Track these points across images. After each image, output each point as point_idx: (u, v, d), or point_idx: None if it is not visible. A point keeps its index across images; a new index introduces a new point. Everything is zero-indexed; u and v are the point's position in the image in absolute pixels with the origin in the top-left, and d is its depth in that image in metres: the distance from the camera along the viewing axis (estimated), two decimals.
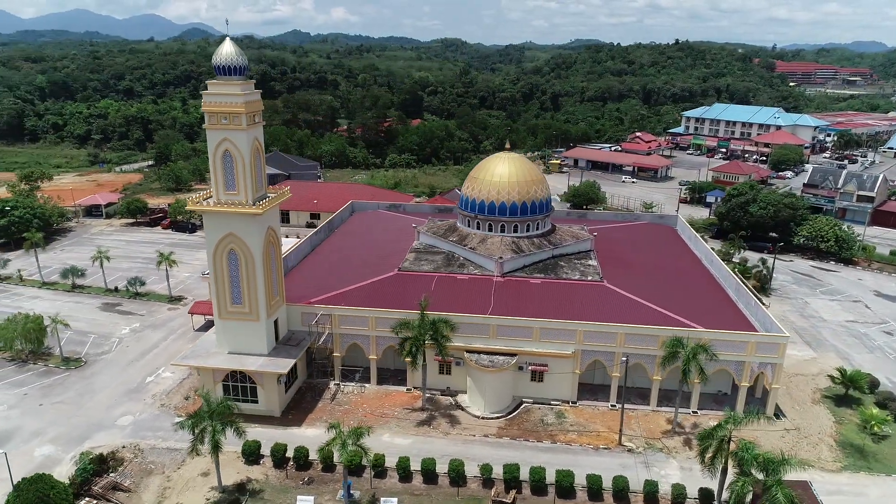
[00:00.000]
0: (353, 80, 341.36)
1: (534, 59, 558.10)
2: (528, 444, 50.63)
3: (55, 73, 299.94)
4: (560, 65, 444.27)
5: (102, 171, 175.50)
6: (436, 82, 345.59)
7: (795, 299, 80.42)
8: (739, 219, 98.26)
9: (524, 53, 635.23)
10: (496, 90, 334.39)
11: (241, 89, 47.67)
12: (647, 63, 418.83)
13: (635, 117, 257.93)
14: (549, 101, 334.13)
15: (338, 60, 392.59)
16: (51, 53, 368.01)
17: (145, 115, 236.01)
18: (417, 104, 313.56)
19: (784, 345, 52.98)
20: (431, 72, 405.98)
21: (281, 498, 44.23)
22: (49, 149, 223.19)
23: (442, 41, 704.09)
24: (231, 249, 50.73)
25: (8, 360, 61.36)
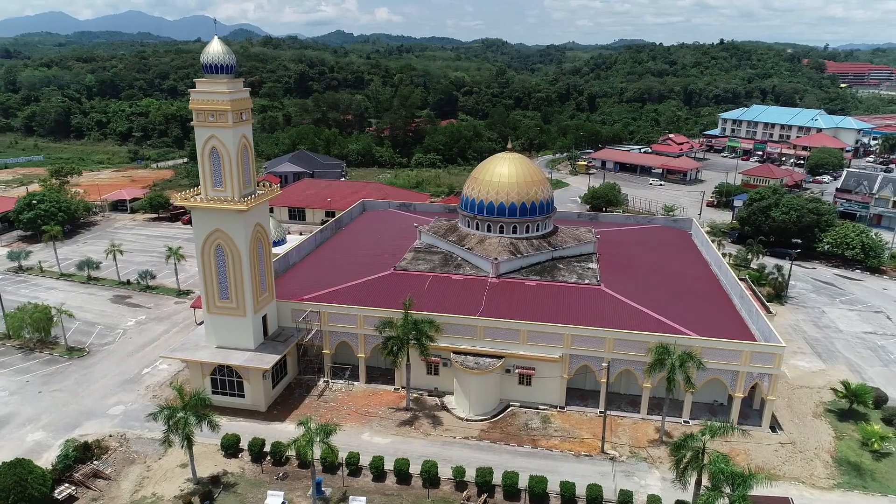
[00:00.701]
0: (390, 79, 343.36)
1: (575, 60, 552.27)
2: (508, 449, 49.93)
3: (104, 73, 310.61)
4: (600, 65, 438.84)
5: (139, 168, 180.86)
6: (471, 82, 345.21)
7: (812, 308, 77.34)
8: (761, 224, 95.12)
9: (565, 54, 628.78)
10: (532, 90, 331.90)
11: (227, 87, 48.33)
12: (690, 63, 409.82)
13: (671, 119, 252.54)
14: (585, 101, 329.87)
15: (375, 60, 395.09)
16: (101, 54, 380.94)
17: (184, 113, 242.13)
18: (452, 104, 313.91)
19: (780, 355, 50.94)
20: (469, 72, 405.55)
21: (253, 492, 44.66)
22: (93, 145, 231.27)
23: (482, 41, 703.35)
24: (218, 245, 51.52)
25: (16, 348, 63.67)
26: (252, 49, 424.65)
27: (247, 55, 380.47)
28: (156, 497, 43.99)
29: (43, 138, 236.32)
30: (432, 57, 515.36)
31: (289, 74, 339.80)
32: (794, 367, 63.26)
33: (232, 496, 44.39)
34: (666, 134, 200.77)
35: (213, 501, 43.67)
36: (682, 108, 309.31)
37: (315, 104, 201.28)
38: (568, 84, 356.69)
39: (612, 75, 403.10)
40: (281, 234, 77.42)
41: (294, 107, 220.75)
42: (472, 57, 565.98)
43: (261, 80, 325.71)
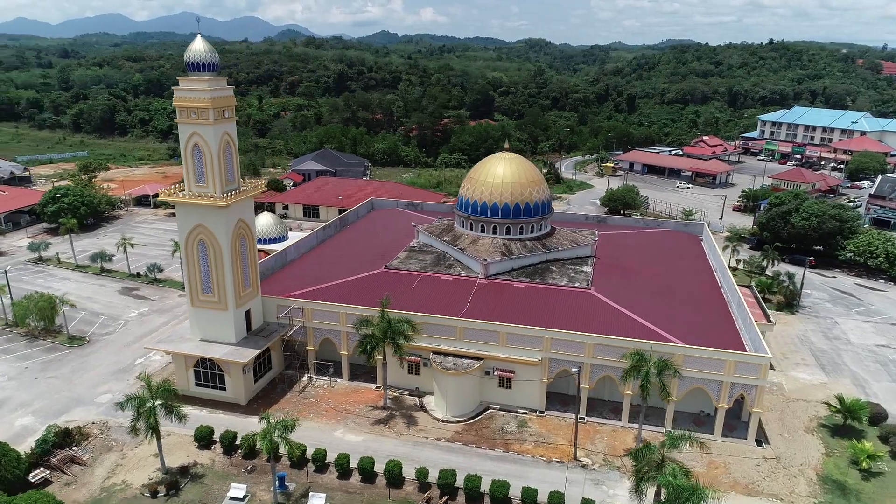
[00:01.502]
0: (428, 79, 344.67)
1: (618, 61, 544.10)
2: (479, 451, 49.41)
3: (151, 72, 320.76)
4: (642, 65, 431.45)
5: (174, 164, 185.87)
6: (508, 83, 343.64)
7: (824, 318, 74.18)
8: (780, 230, 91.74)
9: (609, 54, 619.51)
10: (569, 91, 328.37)
11: (208, 85, 49.14)
12: (737, 64, 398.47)
13: (709, 120, 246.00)
14: (624, 102, 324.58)
15: (414, 60, 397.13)
16: (150, 53, 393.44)
17: None
18: (488, 104, 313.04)
19: (766, 366, 48.94)
20: (509, 72, 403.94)
21: (219, 484, 45.35)
22: (135, 142, 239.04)
23: (525, 41, 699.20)
24: (201, 240, 52.52)
25: (22, 336, 66.23)
26: (295, 49, 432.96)
27: (289, 55, 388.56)
28: (125, 484, 45.13)
29: (89, 135, 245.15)
30: (473, 57, 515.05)
31: (328, 74, 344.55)
32: (794, 379, 60.79)
33: (198, 487, 45.17)
34: (700, 136, 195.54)
35: (179, 492, 44.52)
36: (726, 110, 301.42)
37: (345, 103, 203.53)
38: (607, 85, 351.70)
39: (654, 76, 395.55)
40: (283, 230, 78.49)
41: (327, 106, 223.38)
42: (514, 57, 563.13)
43: (300, 79, 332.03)
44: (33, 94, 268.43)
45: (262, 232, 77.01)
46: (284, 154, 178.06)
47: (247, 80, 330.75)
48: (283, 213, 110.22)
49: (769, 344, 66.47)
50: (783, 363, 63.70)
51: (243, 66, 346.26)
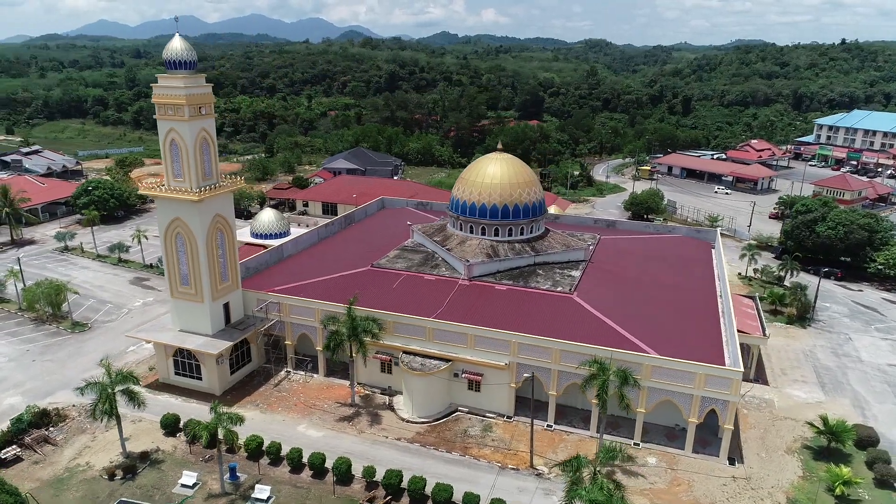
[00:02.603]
0: (478, 79, 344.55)
1: (680, 61, 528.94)
2: (436, 454, 48.94)
3: (211, 72, 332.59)
4: (702, 66, 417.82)
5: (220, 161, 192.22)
6: (559, 84, 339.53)
7: (838, 334, 69.95)
8: (804, 239, 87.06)
9: (671, 55, 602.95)
10: (621, 92, 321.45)
11: (183, 83, 50.48)
12: (804, 65, 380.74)
13: (764, 123, 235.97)
14: (679, 104, 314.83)
15: (466, 61, 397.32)
16: (212, 53, 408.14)
17: (272, 110, 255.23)
18: (538, 105, 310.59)
19: (737, 381, 46.47)
20: (563, 73, 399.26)
21: (175, 471, 46.53)
22: None
23: (585, 42, 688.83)
24: (178, 233, 54.06)
25: (31, 320, 69.86)
26: (351, 50, 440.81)
27: (345, 56, 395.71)
28: (88, 466, 46.91)
29: (147, 131, 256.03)
30: (529, 58, 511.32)
31: (380, 74, 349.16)
32: (788, 396, 57.56)
33: (154, 472, 46.50)
34: (748, 140, 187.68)
35: (136, 476, 45.95)
36: (789, 113, 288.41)
37: (385, 103, 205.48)
38: (662, 86, 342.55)
39: (714, 77, 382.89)
40: (284, 226, 79.87)
41: (368, 106, 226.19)
42: (572, 58, 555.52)
43: (352, 79, 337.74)
44: (100, 93, 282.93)
45: (264, 228, 78.64)
46: (323, 152, 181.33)
47: (301, 80, 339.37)
48: (304, 209, 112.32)
49: (769, 358, 63.86)
50: (780, 379, 60.43)
51: (298, 66, 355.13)
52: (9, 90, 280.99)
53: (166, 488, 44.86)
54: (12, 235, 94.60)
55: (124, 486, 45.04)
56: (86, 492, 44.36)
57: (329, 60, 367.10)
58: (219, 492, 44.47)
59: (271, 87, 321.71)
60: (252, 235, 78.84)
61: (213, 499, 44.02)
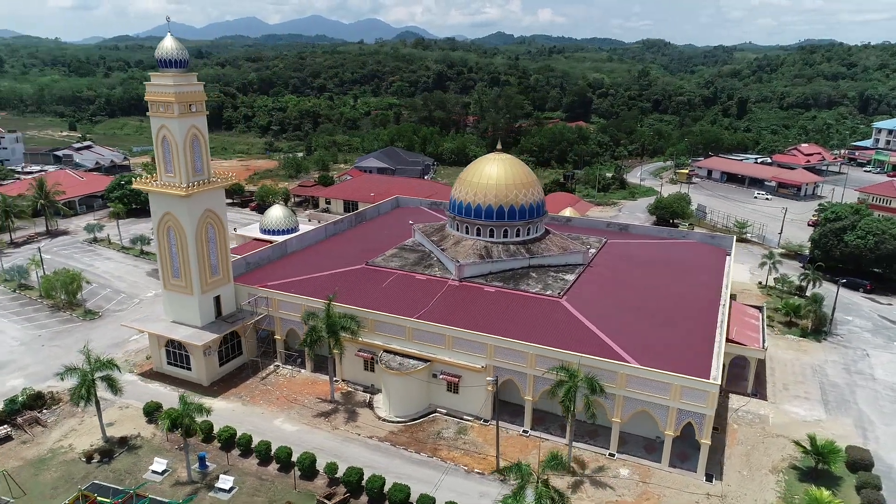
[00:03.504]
0: (526, 80, 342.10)
1: (741, 62, 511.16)
2: (405, 454, 48.78)
3: (265, 72, 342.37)
4: (763, 67, 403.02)
5: (262, 158, 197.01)
6: (608, 84, 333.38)
7: (854, 349, 66.13)
8: (832, 248, 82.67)
9: (732, 55, 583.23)
10: (672, 93, 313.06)
11: (173, 81, 51.98)
12: (874, 66, 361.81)
13: (819, 127, 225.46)
14: (734, 106, 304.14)
15: (514, 61, 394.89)
16: (267, 54, 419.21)
17: (318, 109, 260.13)
18: (586, 106, 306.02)
19: (713, 394, 44.51)
20: (616, 73, 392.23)
21: (149, 457, 47.88)
22: (237, 137, 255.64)
23: (643, 42, 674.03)
24: (169, 227, 55.71)
25: (49, 307, 73.28)
26: (402, 50, 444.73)
27: (396, 56, 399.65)
28: (70, 448, 48.85)
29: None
30: (582, 58, 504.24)
31: (428, 74, 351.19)
32: (785, 412, 54.76)
33: (130, 457, 48.02)
34: (802, 144, 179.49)
35: (112, 460, 47.56)
36: (854, 116, 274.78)
37: (423, 103, 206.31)
38: (717, 87, 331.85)
39: (775, 78, 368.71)
40: (293, 223, 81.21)
41: (408, 106, 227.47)
42: (628, 58, 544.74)
43: (400, 79, 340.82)
44: None
45: (273, 224, 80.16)
46: (360, 151, 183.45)
47: (350, 80, 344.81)
48: (326, 207, 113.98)
49: (773, 372, 61.25)
50: (780, 394, 57.57)
51: (349, 66, 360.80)
52: (75, 89, 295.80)
53: (138, 474, 46.25)
54: (47, 226, 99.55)
55: (99, 469, 46.68)
56: (63, 472, 46.19)
57: (379, 61, 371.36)
58: (186, 479, 45.54)
59: (321, 87, 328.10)
60: (261, 231, 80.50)
61: (180, 486, 45.11)
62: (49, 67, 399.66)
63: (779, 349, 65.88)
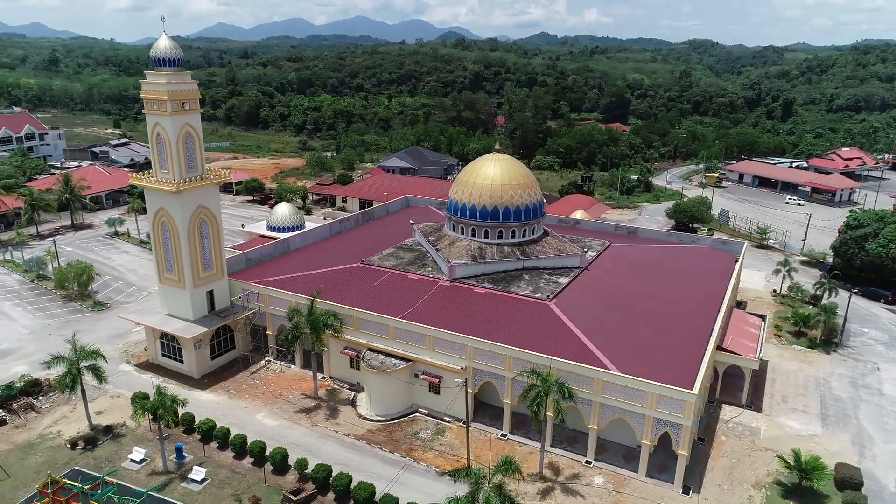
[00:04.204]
0: (563, 80, 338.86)
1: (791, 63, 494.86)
2: (379, 453, 48.78)
3: (305, 71, 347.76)
4: (813, 68, 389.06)
5: (293, 157, 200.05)
6: (648, 85, 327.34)
7: (865, 363, 63.22)
8: (852, 256, 79.24)
9: (783, 56, 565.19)
10: (713, 95, 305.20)
11: (166, 79, 53.15)
12: None
13: (866, 130, 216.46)
14: (779, 108, 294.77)
15: (553, 62, 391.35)
16: (307, 54, 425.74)
17: (352, 109, 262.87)
18: (623, 107, 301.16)
19: (690, 404, 43.09)
20: (660, 74, 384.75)
21: (131, 445, 49.05)
22: (273, 135, 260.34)
23: (689, 42, 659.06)
24: (163, 222, 57.01)
25: (62, 297, 75.90)
26: (441, 51, 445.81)
27: (434, 56, 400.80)
28: (58, 434, 50.45)
29: (237, 127, 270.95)
30: (624, 59, 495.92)
31: (465, 75, 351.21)
32: (779, 425, 52.70)
33: (113, 445, 49.30)
34: (837, 148, 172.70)
35: (95, 447, 48.93)
36: None
37: (452, 103, 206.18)
38: (762, 89, 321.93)
39: (825, 80, 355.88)
40: (299, 220, 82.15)
41: (437, 106, 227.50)
42: (672, 59, 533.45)
43: (437, 79, 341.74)
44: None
45: (279, 221, 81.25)
46: (388, 151, 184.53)
47: (388, 80, 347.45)
48: (342, 205, 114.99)
49: (773, 383, 59.40)
50: (777, 407, 55.44)
51: (387, 66, 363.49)
52: (122, 88, 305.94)
53: (117, 461, 47.45)
54: (72, 220, 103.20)
55: (82, 455, 48.08)
56: (48, 457, 47.73)
57: (416, 61, 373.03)
58: (161, 469, 46.49)
59: (359, 87, 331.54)
60: (268, 228, 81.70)
61: (156, 475, 46.07)
62: (101, 67, 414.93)
63: (783, 360, 63.47)
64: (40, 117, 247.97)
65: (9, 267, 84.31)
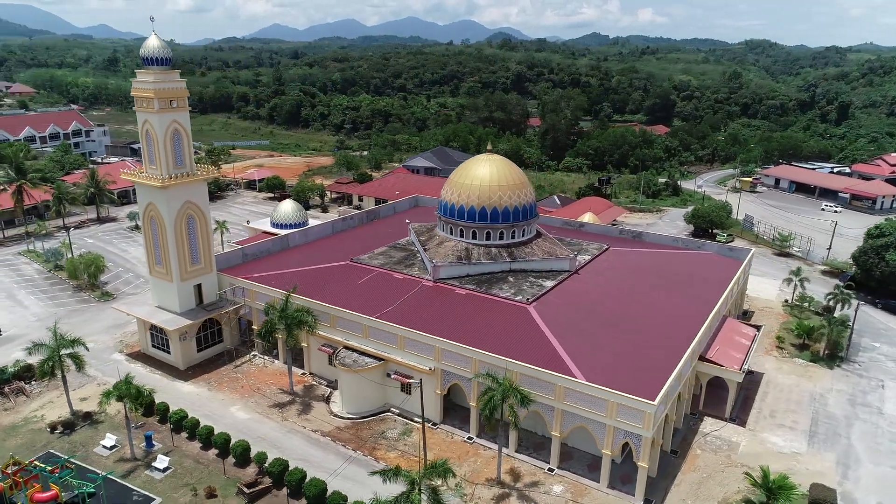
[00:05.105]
0: (608, 81, 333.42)
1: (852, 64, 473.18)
2: (342, 450, 48.90)
3: (349, 71, 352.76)
4: (875, 69, 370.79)
5: (328, 155, 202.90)
6: (695, 86, 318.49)
7: (869, 379, 59.86)
8: (872, 267, 75.16)
9: (846, 56, 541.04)
10: (763, 97, 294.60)
11: (153, 77, 54.62)
12: None
13: None
14: (834, 111, 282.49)
15: (597, 62, 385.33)
16: (352, 55, 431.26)
17: (390, 109, 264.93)
18: (668, 109, 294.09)
19: (649, 414, 41.60)
20: (711, 75, 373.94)
21: (106, 431, 50.64)
22: (312, 134, 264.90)
23: (746, 43, 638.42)
24: (152, 217, 58.62)
25: (73, 287, 78.96)
26: (486, 51, 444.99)
27: (478, 57, 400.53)
28: (40, 418, 52.45)
29: (279, 126, 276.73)
30: (675, 59, 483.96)
31: (507, 75, 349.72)
32: (761, 441, 50.40)
33: (89, 431, 50.96)
34: (887, 153, 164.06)
35: (73, 432, 50.68)
36: None
37: (485, 104, 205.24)
38: (818, 91, 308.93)
39: (888, 82, 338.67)
40: (302, 217, 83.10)
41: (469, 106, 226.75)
42: (727, 60, 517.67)
43: (479, 80, 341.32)
44: (245, 90, 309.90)
45: (282, 218, 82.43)
46: (418, 150, 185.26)
47: (430, 81, 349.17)
48: (358, 204, 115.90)
49: (764, 397, 57.46)
50: (763, 422, 53.02)
51: (430, 66, 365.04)
52: None
53: (90, 447, 49.01)
54: (98, 213, 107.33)
55: (59, 439, 49.86)
56: (27, 440, 49.69)
57: (460, 62, 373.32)
58: (129, 456, 47.78)
59: (401, 87, 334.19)
60: (271, 225, 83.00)
61: (123, 462, 47.39)
62: None
63: (781, 373, 60.69)
64: (95, 115, 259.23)
65: (31, 257, 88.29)
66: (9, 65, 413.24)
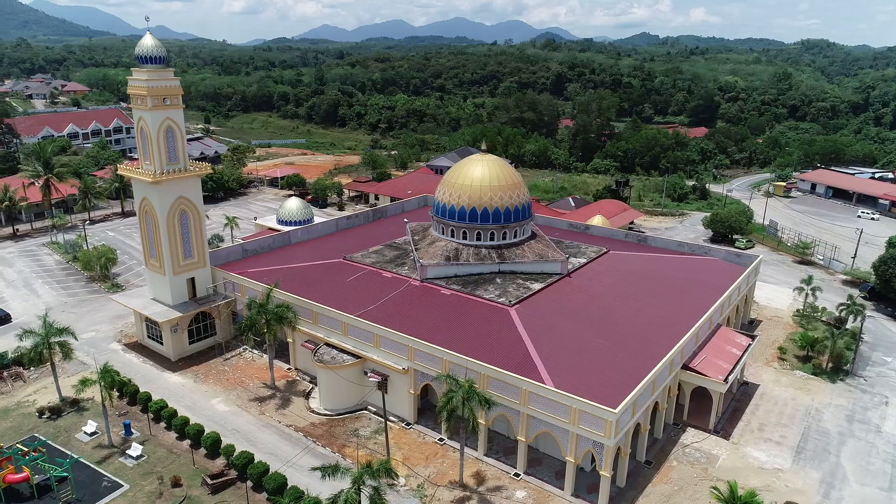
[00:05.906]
0: (650, 82, 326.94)
1: None
2: (311, 446, 49.18)
3: (390, 71, 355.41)
4: None
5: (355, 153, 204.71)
6: (741, 88, 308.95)
7: (873, 395, 56.86)
8: (891, 277, 71.39)
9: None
10: (812, 99, 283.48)
11: (147, 75, 56.06)
12: None
13: None
14: (889, 114, 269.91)
15: (639, 63, 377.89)
16: (393, 54, 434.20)
17: (425, 108, 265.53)
18: (712, 111, 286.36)
19: (611, 423, 40.45)
20: (760, 76, 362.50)
21: (89, 418, 52.20)
22: (348, 133, 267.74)
23: (802, 43, 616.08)
24: (146, 211, 60.20)
25: (87, 278, 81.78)
26: (528, 51, 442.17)
27: (520, 57, 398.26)
28: (32, 403, 54.45)
29: (317, 125, 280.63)
30: (724, 60, 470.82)
31: (547, 76, 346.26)
32: (743, 455, 48.44)
33: (75, 417, 52.62)
34: None
35: (59, 418, 52.45)
36: None
37: (515, 104, 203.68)
38: (869, 94, 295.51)
39: None
40: (307, 214, 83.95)
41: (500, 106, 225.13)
42: (781, 60, 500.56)
43: (519, 80, 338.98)
44: (286, 89, 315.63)
45: (287, 215, 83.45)
46: (447, 149, 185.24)
47: (470, 81, 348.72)
48: (375, 202, 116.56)
49: (755, 409, 55.73)
50: (748, 435, 50.94)
51: (470, 67, 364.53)
52: (217, 86, 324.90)
53: (72, 432, 50.61)
54: (122, 207, 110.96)
55: (45, 424, 51.65)
56: (16, 423, 51.67)
57: (500, 62, 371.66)
58: (107, 443, 49.15)
59: (441, 87, 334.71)
60: (277, 222, 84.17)
61: (101, 448, 48.75)
62: (207, 66, 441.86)
63: (778, 385, 58.22)
64: None
65: (53, 248, 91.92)
66: (67, 64, 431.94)
